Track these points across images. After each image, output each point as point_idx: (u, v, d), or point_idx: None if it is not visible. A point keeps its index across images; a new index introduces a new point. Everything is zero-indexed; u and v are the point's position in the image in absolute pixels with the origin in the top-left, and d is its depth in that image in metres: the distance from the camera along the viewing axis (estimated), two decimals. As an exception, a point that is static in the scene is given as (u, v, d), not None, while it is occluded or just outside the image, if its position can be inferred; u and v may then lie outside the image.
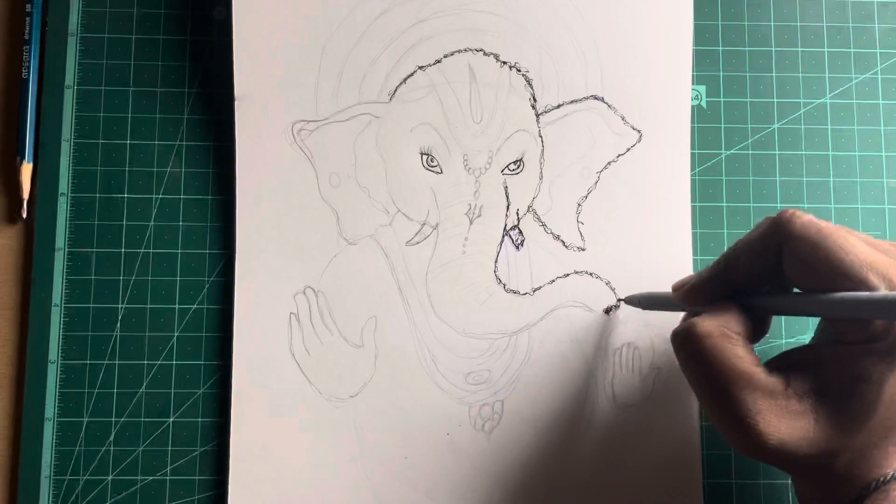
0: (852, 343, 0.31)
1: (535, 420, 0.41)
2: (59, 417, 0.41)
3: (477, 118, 0.42)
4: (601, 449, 0.41)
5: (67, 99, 0.43)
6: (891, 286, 0.29)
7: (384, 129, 0.42)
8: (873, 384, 0.30)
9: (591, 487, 0.41)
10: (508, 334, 0.42)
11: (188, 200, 0.43)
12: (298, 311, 0.41)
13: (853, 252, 0.29)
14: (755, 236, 0.32)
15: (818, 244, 0.30)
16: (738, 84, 0.44)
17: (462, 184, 0.42)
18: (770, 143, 0.44)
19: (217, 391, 0.41)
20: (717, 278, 0.33)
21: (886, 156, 0.44)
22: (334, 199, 0.42)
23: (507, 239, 0.42)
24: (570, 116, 0.42)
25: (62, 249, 0.42)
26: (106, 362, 0.41)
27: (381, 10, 0.42)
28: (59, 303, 0.42)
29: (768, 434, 0.30)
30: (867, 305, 0.29)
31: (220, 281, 0.42)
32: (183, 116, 0.43)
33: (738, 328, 0.32)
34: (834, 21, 0.45)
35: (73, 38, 0.43)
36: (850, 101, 0.44)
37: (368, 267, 0.42)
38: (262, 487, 0.40)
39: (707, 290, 0.34)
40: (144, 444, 0.41)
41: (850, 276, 0.29)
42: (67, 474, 0.41)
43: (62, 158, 0.42)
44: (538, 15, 0.43)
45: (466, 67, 0.42)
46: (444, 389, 0.41)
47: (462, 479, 0.41)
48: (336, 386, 0.41)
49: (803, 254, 0.30)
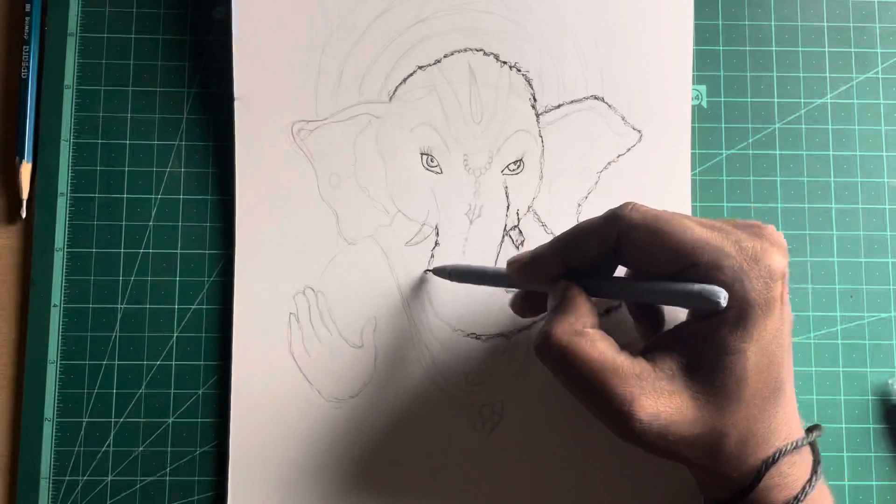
0: (704, 317, 0.31)
1: (535, 420, 0.41)
2: (59, 418, 0.41)
3: (477, 118, 0.42)
4: (601, 449, 0.41)
5: (67, 99, 0.43)
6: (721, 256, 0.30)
7: (384, 129, 0.42)
8: (737, 354, 0.31)
9: (590, 488, 0.41)
10: (508, 334, 0.42)
11: (188, 200, 0.43)
12: (298, 311, 0.41)
13: (687, 233, 0.31)
14: (598, 223, 0.33)
15: (656, 230, 0.31)
16: (739, 84, 0.44)
17: (462, 184, 0.42)
18: (770, 143, 0.44)
19: (217, 391, 0.41)
20: (554, 256, 0.34)
21: (886, 156, 0.44)
22: (334, 199, 0.42)
23: (507, 239, 0.42)
24: (571, 116, 0.42)
25: (62, 249, 0.42)
26: (105, 362, 0.41)
27: (380, 10, 0.42)
28: (58, 303, 0.42)
29: (647, 418, 0.31)
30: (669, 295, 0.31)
31: (219, 281, 0.42)
32: (183, 116, 0.43)
33: (590, 320, 0.33)
34: (834, 21, 0.45)
35: (72, 38, 0.43)
36: (850, 101, 0.44)
37: (368, 267, 0.42)
38: (262, 487, 0.40)
39: (543, 266, 0.34)
40: (144, 444, 0.41)
41: (684, 254, 0.31)
42: (67, 475, 0.41)
43: (62, 158, 0.42)
44: (538, 15, 0.43)
45: (466, 67, 0.42)
46: (444, 390, 0.41)
47: (462, 479, 0.41)
48: (336, 386, 0.41)
49: (642, 240, 0.31)
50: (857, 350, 0.43)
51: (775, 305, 0.31)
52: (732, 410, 0.31)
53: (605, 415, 0.32)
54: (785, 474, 0.32)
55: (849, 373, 0.42)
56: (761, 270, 0.30)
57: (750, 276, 0.30)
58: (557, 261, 0.34)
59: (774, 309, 0.31)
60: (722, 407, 0.31)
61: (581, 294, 0.33)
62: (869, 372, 0.42)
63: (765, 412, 0.32)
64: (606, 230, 0.32)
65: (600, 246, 0.33)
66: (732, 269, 0.30)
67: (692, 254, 0.30)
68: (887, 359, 0.43)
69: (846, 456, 0.42)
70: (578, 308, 0.33)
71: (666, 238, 0.31)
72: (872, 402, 0.42)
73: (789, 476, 0.32)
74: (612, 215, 0.32)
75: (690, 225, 0.31)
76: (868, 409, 0.42)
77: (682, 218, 0.31)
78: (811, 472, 0.33)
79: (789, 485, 0.32)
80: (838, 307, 0.43)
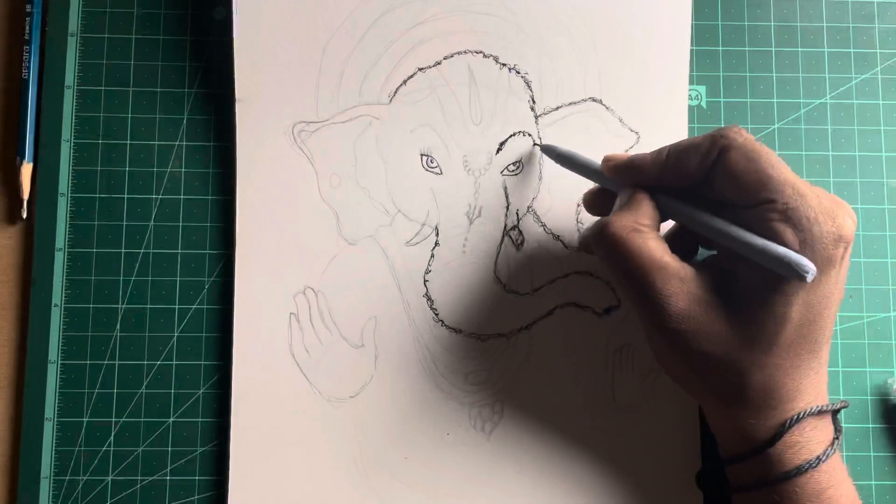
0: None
1: (535, 420, 0.41)
2: (59, 417, 0.41)
3: (476, 119, 0.42)
4: (600, 449, 0.41)
5: (67, 99, 0.43)
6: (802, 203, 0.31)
7: (384, 130, 0.42)
8: (783, 297, 0.32)
9: (590, 488, 0.41)
10: (508, 334, 0.42)
11: (188, 200, 0.43)
12: (298, 311, 0.41)
13: (779, 169, 0.32)
14: (703, 138, 0.34)
15: (755, 157, 0.32)
16: (738, 84, 0.44)
17: (462, 184, 0.42)
18: (770, 143, 0.44)
19: (217, 391, 0.42)
20: (654, 164, 0.35)
21: (886, 156, 0.44)
22: (334, 199, 0.42)
23: (507, 239, 0.42)
24: (569, 118, 0.42)
25: (62, 250, 0.42)
26: (106, 362, 0.41)
27: (381, 12, 0.42)
28: (59, 303, 0.42)
29: (678, 315, 0.32)
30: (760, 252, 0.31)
31: (220, 281, 0.42)
32: (183, 116, 0.43)
33: (649, 221, 0.34)
34: (834, 21, 0.45)
35: (73, 38, 0.43)
36: (850, 102, 0.44)
37: (368, 267, 0.42)
38: (262, 487, 0.40)
39: (639, 170, 0.35)
40: (144, 444, 0.41)
41: (770, 187, 0.31)
42: (67, 474, 0.41)
43: (62, 158, 0.42)
44: (537, 17, 0.43)
45: (466, 69, 0.42)
46: (444, 390, 0.41)
47: (462, 479, 0.41)
48: (336, 386, 0.41)
49: (737, 163, 0.32)
50: (856, 350, 0.43)
51: (834, 267, 0.31)
52: (762, 352, 0.32)
53: (643, 307, 0.33)
54: (807, 437, 0.32)
55: (848, 373, 0.42)
56: (832, 228, 0.31)
57: (822, 231, 0.31)
58: (655, 169, 0.35)
59: (832, 270, 0.31)
60: (753, 343, 0.32)
61: (647, 198, 0.35)
62: (868, 372, 0.43)
63: (797, 369, 0.32)
64: (711, 145, 0.33)
65: (701, 162, 0.33)
66: (807, 219, 0.31)
67: (776, 190, 0.31)
68: (887, 359, 0.43)
69: (846, 456, 0.42)
70: (641, 208, 0.34)
71: (761, 166, 0.32)
72: (872, 401, 0.42)
73: (811, 440, 0.32)
74: (718, 133, 0.33)
75: (785, 166, 0.32)
76: (867, 409, 0.42)
77: (779, 159, 0.32)
78: (832, 439, 0.33)
79: (809, 448, 0.32)
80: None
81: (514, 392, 0.41)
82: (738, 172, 0.32)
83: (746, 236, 0.32)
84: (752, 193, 0.32)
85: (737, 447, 0.34)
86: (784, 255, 0.31)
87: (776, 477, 0.32)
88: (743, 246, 0.32)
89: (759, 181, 0.32)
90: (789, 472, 0.32)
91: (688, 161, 0.34)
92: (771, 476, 0.33)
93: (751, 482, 0.33)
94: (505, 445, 0.41)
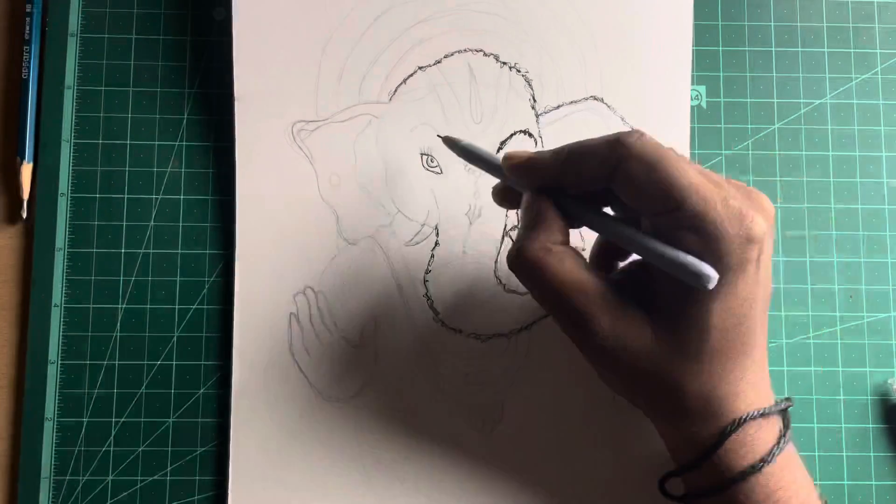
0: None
1: (535, 420, 0.41)
2: (59, 418, 0.41)
3: (477, 118, 0.42)
4: (601, 449, 0.41)
5: (67, 99, 0.43)
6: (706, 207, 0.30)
7: (384, 129, 0.42)
8: (700, 306, 0.31)
9: (591, 488, 0.41)
10: (508, 334, 0.42)
11: (188, 200, 0.43)
12: (298, 311, 0.41)
13: (682, 176, 0.30)
14: (602, 143, 0.32)
15: (654, 165, 0.30)
16: (738, 84, 0.44)
17: (462, 184, 0.42)
18: (770, 143, 0.44)
19: (217, 391, 0.41)
20: (552, 165, 0.33)
21: (886, 156, 0.44)
22: (334, 199, 0.42)
23: (507, 239, 0.42)
24: (570, 117, 0.42)
25: (62, 250, 0.42)
26: (106, 362, 0.41)
27: (381, 11, 0.42)
28: (59, 303, 0.42)
29: (603, 334, 0.32)
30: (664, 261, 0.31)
31: (220, 281, 0.42)
32: (183, 116, 0.43)
33: (560, 237, 0.33)
34: (834, 21, 0.45)
35: (73, 38, 0.43)
36: (850, 102, 0.44)
37: (368, 267, 0.42)
38: (262, 487, 0.40)
39: (538, 171, 0.34)
40: (144, 444, 0.41)
41: (672, 196, 0.30)
42: (67, 474, 0.41)
43: (62, 158, 0.42)
44: (538, 15, 0.43)
45: (466, 68, 0.42)
46: (444, 390, 0.41)
47: (462, 479, 0.41)
48: (336, 386, 0.41)
49: (638, 173, 0.31)
50: (856, 350, 0.43)
51: (748, 268, 0.31)
52: (692, 361, 0.31)
53: (569, 329, 0.33)
54: (752, 439, 0.32)
55: (848, 373, 0.42)
56: (741, 230, 0.30)
57: (729, 234, 0.30)
58: (553, 171, 0.33)
59: (747, 271, 0.31)
60: (681, 353, 0.32)
61: (551, 210, 0.33)
62: (868, 372, 0.42)
63: (730, 373, 0.32)
64: (609, 153, 0.31)
65: (599, 167, 0.32)
66: (713, 224, 0.30)
67: (680, 198, 0.30)
68: (887, 359, 0.43)
69: (845, 456, 0.42)
70: (549, 225, 0.33)
71: (661, 175, 0.30)
72: (872, 402, 0.42)
73: (757, 441, 0.32)
74: (616, 139, 0.31)
75: (687, 169, 0.30)
76: (867, 409, 0.42)
77: (683, 161, 0.31)
78: (778, 438, 0.33)
79: (755, 450, 0.32)
80: (838, 307, 0.43)
81: (514, 392, 0.41)
82: (640, 183, 0.31)
83: (650, 244, 0.31)
84: (656, 202, 0.31)
85: (686, 455, 0.34)
86: (684, 263, 0.30)
87: (726, 482, 0.32)
88: (648, 254, 0.31)
89: (662, 190, 0.30)
90: (736, 476, 0.32)
91: (586, 165, 0.32)
92: (722, 482, 0.32)
93: (705, 488, 0.33)
94: (505, 445, 0.41)
